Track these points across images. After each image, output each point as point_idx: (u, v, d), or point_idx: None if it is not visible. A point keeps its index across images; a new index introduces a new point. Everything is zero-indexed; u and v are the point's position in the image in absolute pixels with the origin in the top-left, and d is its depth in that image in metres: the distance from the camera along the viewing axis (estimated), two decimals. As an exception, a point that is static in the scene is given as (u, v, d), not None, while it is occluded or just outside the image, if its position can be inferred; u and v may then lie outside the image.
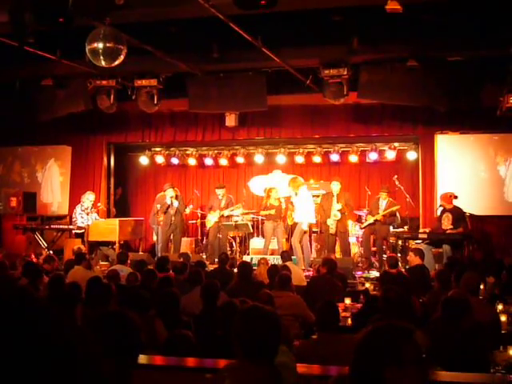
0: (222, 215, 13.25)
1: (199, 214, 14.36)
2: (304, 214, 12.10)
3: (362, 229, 12.66)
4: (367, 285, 9.78)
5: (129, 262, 9.84)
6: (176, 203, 13.14)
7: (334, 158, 14.32)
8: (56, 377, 1.01)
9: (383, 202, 12.22)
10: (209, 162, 15.27)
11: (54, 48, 9.83)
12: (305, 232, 12.13)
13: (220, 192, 13.51)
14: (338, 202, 12.08)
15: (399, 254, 11.33)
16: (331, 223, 12.09)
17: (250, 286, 7.40)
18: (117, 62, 7.83)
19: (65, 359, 1.02)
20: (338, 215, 12.05)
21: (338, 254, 12.01)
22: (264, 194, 13.22)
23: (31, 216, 13.86)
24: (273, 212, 12.38)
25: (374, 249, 12.70)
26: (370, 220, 12.18)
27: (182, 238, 13.70)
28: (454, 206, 11.26)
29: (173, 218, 13.10)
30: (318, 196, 13.38)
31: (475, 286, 6.27)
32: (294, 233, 12.14)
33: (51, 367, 1.01)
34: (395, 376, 1.91)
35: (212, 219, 13.29)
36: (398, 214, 12.30)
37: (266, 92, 11.11)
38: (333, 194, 12.22)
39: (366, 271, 11.74)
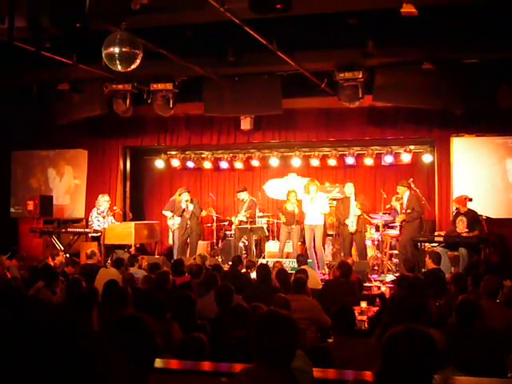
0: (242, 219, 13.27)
1: (215, 218, 14.37)
2: (321, 216, 12.15)
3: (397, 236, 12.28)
4: (383, 288, 9.76)
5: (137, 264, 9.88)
6: (191, 207, 13.18)
7: (350, 161, 14.26)
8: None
9: (405, 198, 11.77)
10: (224, 165, 15.30)
11: (70, 53, 9.90)
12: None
13: (239, 195, 13.54)
14: (355, 201, 12.06)
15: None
16: (351, 221, 12.00)
17: (269, 290, 7.38)
18: (133, 67, 7.87)
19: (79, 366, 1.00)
20: (358, 212, 12.00)
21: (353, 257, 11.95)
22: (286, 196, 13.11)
23: (48, 219, 13.95)
24: (283, 220, 12.41)
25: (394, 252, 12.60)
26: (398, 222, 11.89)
27: (199, 242, 13.72)
28: (469, 209, 11.16)
29: (188, 222, 13.15)
30: (335, 199, 13.32)
31: (495, 289, 6.23)
32: (318, 237, 12.11)
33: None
34: None
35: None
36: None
37: (281, 95, 11.12)
38: (348, 197, 12.19)
39: (383, 274, 11.68)
